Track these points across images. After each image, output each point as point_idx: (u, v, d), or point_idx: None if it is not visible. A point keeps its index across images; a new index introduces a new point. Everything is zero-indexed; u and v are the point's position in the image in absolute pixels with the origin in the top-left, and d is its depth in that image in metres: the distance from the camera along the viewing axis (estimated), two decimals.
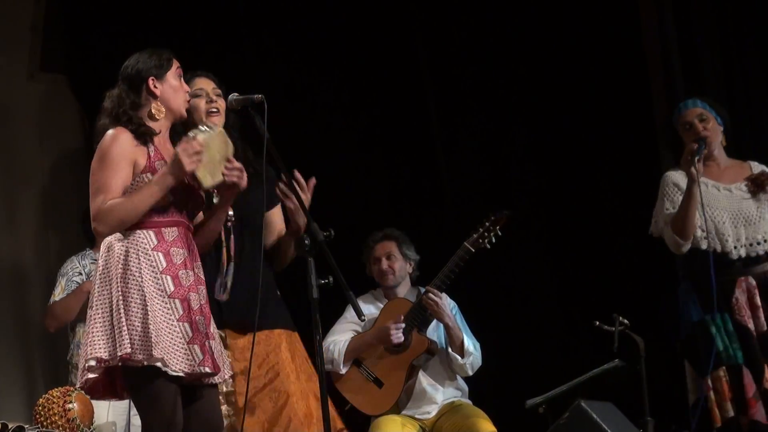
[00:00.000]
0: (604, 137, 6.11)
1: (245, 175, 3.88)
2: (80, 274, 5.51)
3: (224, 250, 4.13)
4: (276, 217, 4.37)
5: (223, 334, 4.16)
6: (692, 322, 4.91)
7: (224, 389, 4.08)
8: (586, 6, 6.14)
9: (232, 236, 4.14)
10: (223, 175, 3.82)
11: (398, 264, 5.55)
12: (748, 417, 4.79)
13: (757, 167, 5.05)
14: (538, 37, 6.31)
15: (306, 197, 4.13)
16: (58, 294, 5.50)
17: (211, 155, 3.79)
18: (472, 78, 6.49)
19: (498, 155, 6.48)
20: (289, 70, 6.43)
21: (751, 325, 4.85)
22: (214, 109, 4.24)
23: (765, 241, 4.92)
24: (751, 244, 4.91)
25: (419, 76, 6.56)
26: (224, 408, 4.09)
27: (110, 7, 6.53)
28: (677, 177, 4.97)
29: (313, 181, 4.18)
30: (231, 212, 4.13)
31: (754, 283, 4.88)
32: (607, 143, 6.10)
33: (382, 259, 5.55)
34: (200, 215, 3.99)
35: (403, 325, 5.33)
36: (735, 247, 4.89)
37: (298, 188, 4.09)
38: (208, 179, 3.80)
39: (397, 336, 5.30)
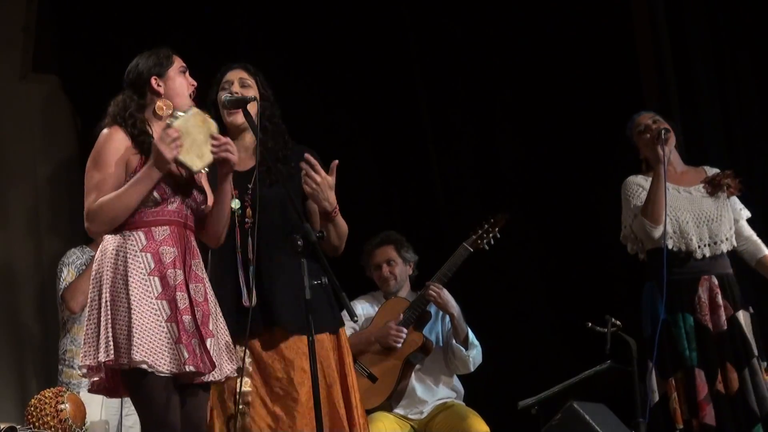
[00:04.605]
0: (596, 139, 6.12)
1: (235, 147, 3.84)
2: (84, 265, 5.51)
3: (239, 254, 4.06)
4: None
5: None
6: (656, 322, 4.95)
7: (240, 389, 4.00)
8: (580, 10, 6.16)
9: (249, 238, 4.05)
10: (212, 153, 3.79)
11: (398, 268, 5.54)
12: (699, 420, 4.84)
13: (711, 171, 5.17)
14: (531, 41, 6.32)
15: (323, 178, 4.03)
16: (70, 278, 5.48)
17: (193, 138, 3.74)
18: (465, 79, 6.51)
19: (490, 156, 6.49)
20: (283, 73, 6.42)
21: (710, 325, 4.92)
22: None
23: (726, 239, 5.02)
24: (715, 243, 5.00)
25: (411, 77, 6.57)
26: (240, 407, 4.03)
27: (102, 8, 6.52)
28: (638, 179, 5.11)
29: (335, 162, 4.08)
30: (250, 213, 4.06)
31: (716, 281, 4.96)
32: (600, 145, 6.10)
33: (383, 266, 5.53)
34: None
35: (406, 332, 5.32)
36: (699, 247, 4.98)
37: (311, 171, 4.02)
38: (196, 162, 3.75)
39: (397, 340, 5.30)
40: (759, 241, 5.12)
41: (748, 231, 5.12)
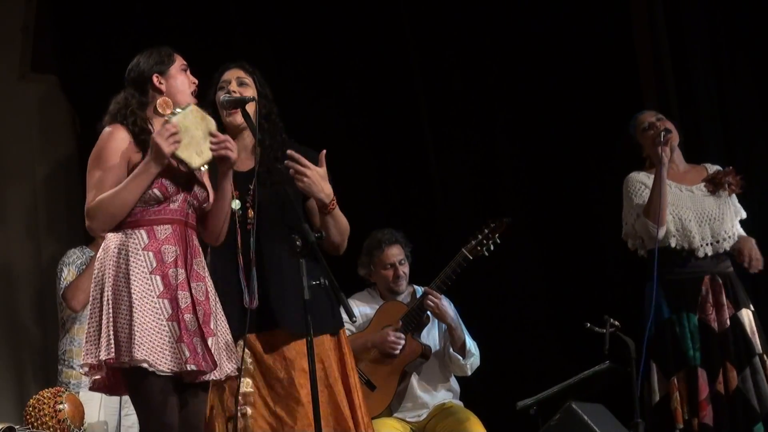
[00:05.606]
0: (595, 140, 6.13)
1: (234, 144, 3.84)
2: (84, 264, 5.50)
3: (240, 255, 4.04)
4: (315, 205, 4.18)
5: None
6: (660, 321, 4.96)
7: (243, 389, 4.00)
8: (579, 11, 6.16)
9: (251, 239, 4.03)
10: (212, 150, 3.79)
11: (407, 268, 5.51)
12: (699, 420, 4.86)
13: (711, 168, 5.20)
14: (530, 43, 6.32)
15: (312, 170, 4.02)
16: (70, 278, 5.47)
17: (192, 135, 3.74)
18: (464, 81, 6.50)
19: (488, 158, 6.49)
20: (282, 75, 6.43)
21: (714, 324, 4.94)
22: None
23: (729, 237, 5.05)
24: (717, 241, 5.04)
25: (411, 80, 6.57)
26: (241, 407, 4.03)
27: (101, 8, 6.52)
28: (641, 176, 5.12)
29: (323, 152, 4.08)
30: (251, 214, 4.05)
31: (719, 280, 4.99)
32: (597, 147, 6.11)
33: (397, 265, 5.48)
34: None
35: (404, 338, 5.29)
36: (701, 245, 5.00)
37: (297, 166, 4.01)
38: (195, 159, 3.75)
39: (395, 348, 5.27)
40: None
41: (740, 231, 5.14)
